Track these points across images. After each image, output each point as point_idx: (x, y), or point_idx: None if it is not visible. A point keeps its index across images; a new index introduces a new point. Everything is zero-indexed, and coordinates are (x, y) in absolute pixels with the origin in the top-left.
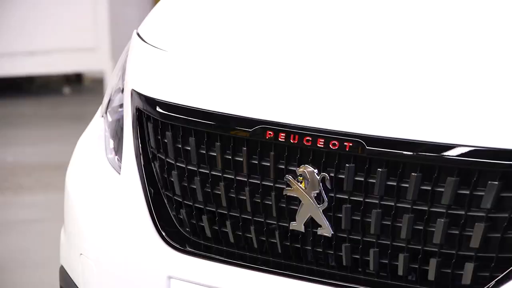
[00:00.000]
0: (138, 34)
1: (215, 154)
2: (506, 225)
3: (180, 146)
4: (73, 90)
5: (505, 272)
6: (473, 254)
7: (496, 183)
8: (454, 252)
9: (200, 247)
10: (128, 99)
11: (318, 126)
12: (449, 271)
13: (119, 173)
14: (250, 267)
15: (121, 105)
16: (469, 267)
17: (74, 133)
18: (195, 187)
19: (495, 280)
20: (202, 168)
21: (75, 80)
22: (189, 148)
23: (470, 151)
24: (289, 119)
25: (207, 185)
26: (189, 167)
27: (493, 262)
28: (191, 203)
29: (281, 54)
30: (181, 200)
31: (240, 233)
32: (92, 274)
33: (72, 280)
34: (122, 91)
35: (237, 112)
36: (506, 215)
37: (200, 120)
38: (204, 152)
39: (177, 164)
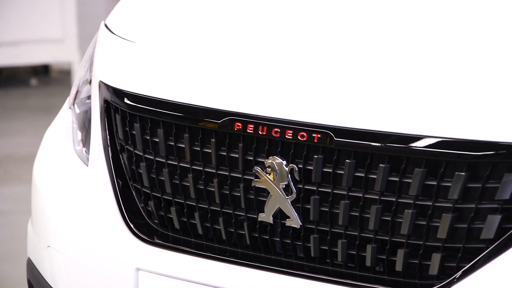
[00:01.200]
0: (106, 26)
1: (184, 146)
2: (473, 216)
3: (148, 137)
4: (41, 81)
5: (472, 263)
6: (440, 244)
7: (463, 174)
8: (421, 242)
9: (168, 238)
10: (96, 90)
11: (286, 118)
12: (417, 261)
13: (87, 165)
14: (219, 259)
15: (89, 97)
16: (436, 257)
17: (42, 125)
18: (163, 178)
19: (462, 270)
20: (171, 159)
21: (42, 72)
22: (157, 140)
23: (437, 142)
24: (257, 110)
25: (175, 176)
26: (157, 158)
27: (460, 252)
28: (159, 195)
29: (249, 45)
30: (149, 192)
31: (209, 225)
32: (59, 267)
33: (40, 273)
34: (90, 82)
35: (205, 103)
36: (473, 205)
37: (168, 111)
38: (173, 143)
39: (146, 155)
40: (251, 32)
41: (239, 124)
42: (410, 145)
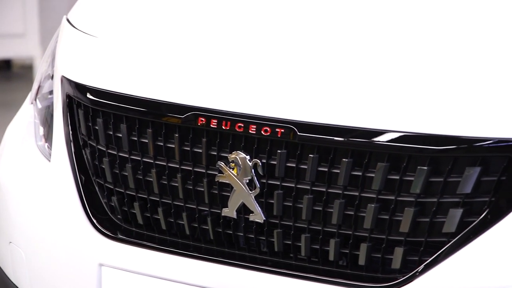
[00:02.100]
0: (68, 20)
1: (147, 141)
2: (435, 210)
3: (111, 133)
4: (2, 76)
5: (434, 256)
6: (402, 238)
7: (425, 168)
8: (384, 237)
9: (131, 234)
10: (58, 85)
11: (250, 113)
12: (379, 255)
13: (49, 161)
14: (182, 254)
15: (51, 92)
16: (398, 251)
17: (3, 120)
18: (126, 174)
19: (424, 264)
20: (134, 155)
21: (3, 67)
22: (120, 135)
23: (399, 136)
24: (221, 105)
25: (138, 172)
26: (120, 154)
27: (422, 246)
28: (122, 190)
29: (212, 40)
30: (112, 187)
31: (172, 220)
32: (21, 263)
33: (1, 269)
34: (52, 77)
35: (169, 98)
36: (435, 199)
37: (131, 106)
38: (136, 139)
39: (108, 151)
40: (213, 27)
41: (203, 119)
42: (372, 139)
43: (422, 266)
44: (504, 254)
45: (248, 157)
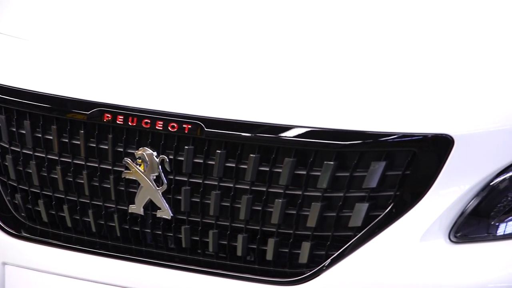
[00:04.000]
0: None
1: (52, 138)
2: (341, 204)
3: (14, 129)
4: None
5: (340, 250)
6: (309, 233)
7: (332, 163)
8: (291, 232)
9: (36, 232)
10: None
11: (156, 109)
12: (287, 250)
13: None
14: (88, 251)
15: None
16: (305, 246)
17: None
18: (30, 171)
19: (331, 258)
20: (38, 152)
21: None
22: (24, 132)
23: (306, 132)
24: (127, 101)
25: (43, 169)
26: (24, 151)
27: (329, 241)
28: (26, 188)
29: (118, 38)
30: (16, 184)
31: (78, 217)
32: None
33: None
34: None
35: (74, 94)
36: (341, 194)
37: (35, 103)
38: (40, 135)
39: (12, 148)
40: (120, 27)
41: (109, 115)
42: (279, 135)
43: (329, 260)
44: (409, 247)
45: (155, 153)
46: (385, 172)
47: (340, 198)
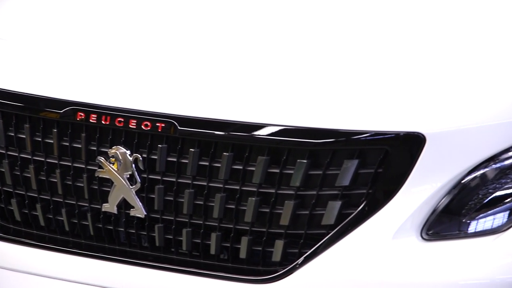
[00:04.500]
0: None
1: (25, 136)
2: (314, 202)
3: None
4: None
5: (313, 248)
6: (283, 231)
7: (305, 161)
8: (265, 230)
9: (9, 231)
10: None
11: (130, 107)
12: (260, 248)
13: None
14: (61, 250)
15: None
16: (279, 244)
17: None
18: (3, 170)
19: (304, 256)
20: (11, 150)
21: None
22: None
23: (279, 130)
24: (100, 100)
25: (16, 168)
26: None
27: (302, 239)
28: None
29: (90, 37)
30: None
31: (51, 216)
32: None
33: None
34: None
35: (47, 93)
36: (314, 192)
37: (7, 101)
38: (13, 134)
39: None
40: (91, 26)
41: (82, 114)
42: (253, 133)
43: (302, 258)
44: (381, 245)
45: (128, 152)
46: (357, 170)
47: (313, 196)
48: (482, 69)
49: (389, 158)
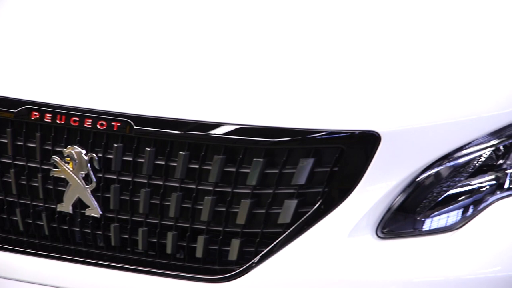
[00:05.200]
0: None
1: None
2: (271, 201)
3: None
4: None
5: (269, 247)
6: (239, 230)
7: (261, 160)
8: (221, 229)
9: None
10: None
11: (85, 106)
12: (217, 247)
13: None
14: (16, 251)
15: None
16: (235, 243)
17: None
18: None
19: (260, 255)
20: None
21: None
22: None
23: (235, 129)
24: (55, 99)
25: None
26: None
27: (259, 237)
28: None
29: (45, 35)
30: None
31: (5, 216)
32: None
33: None
34: None
35: (0, 92)
36: (271, 191)
37: None
38: None
39: None
40: (47, 25)
41: (36, 113)
42: (209, 132)
43: (258, 257)
44: (337, 243)
45: (84, 151)
46: (313, 168)
47: (269, 195)
48: (436, 68)
49: (344, 156)
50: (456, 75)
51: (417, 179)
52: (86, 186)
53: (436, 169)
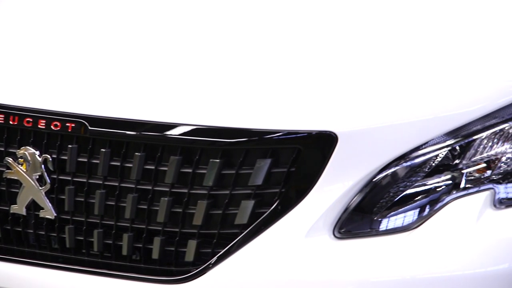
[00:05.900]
0: None
1: None
2: (228, 202)
3: None
4: None
5: (226, 248)
6: (196, 231)
7: (217, 161)
8: (177, 230)
9: None
10: None
11: (38, 107)
12: (173, 249)
13: None
14: None
15: None
16: (192, 244)
17: None
18: None
19: (217, 256)
20: None
21: None
22: None
23: (191, 129)
24: (8, 100)
25: None
26: None
27: (215, 238)
28: None
29: (5, 34)
30: None
31: None
32: None
33: None
34: None
35: None
36: (227, 192)
37: None
38: None
39: None
40: (6, 25)
41: None
42: (165, 133)
43: (215, 258)
44: (294, 243)
45: (37, 152)
46: (270, 169)
47: (226, 196)
48: (393, 68)
49: (301, 157)
50: (413, 75)
51: (374, 179)
52: (40, 188)
53: (393, 169)
